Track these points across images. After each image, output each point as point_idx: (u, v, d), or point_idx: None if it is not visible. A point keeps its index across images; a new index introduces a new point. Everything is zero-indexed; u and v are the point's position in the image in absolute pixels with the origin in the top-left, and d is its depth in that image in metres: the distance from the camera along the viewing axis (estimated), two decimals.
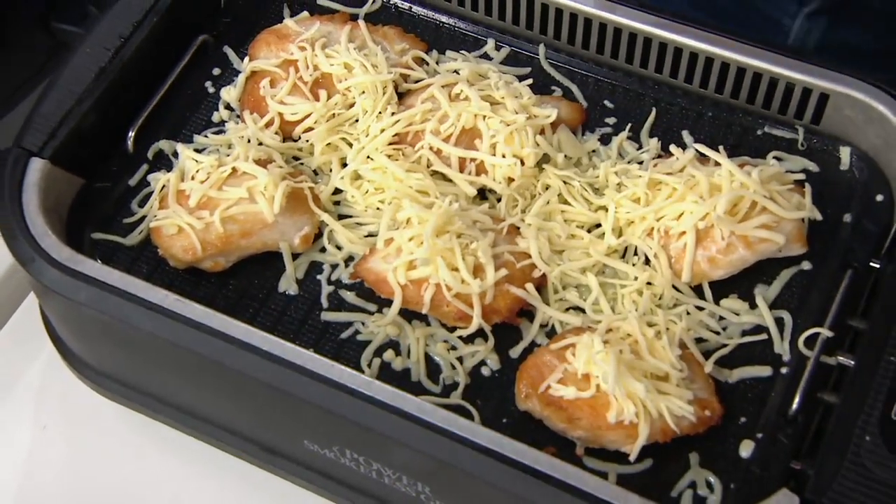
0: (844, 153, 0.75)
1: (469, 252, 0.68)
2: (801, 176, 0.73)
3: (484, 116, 0.74)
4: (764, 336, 0.68)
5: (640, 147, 0.77)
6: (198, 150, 0.77)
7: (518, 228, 0.72)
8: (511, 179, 0.73)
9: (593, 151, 0.77)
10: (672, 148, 0.74)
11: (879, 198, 0.73)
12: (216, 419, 0.71)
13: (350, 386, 0.62)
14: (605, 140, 0.78)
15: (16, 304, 0.86)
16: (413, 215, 0.69)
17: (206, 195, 0.71)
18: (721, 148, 0.72)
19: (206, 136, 0.79)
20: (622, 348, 0.63)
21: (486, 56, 0.83)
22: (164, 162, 0.78)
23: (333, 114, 0.77)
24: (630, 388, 0.61)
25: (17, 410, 0.81)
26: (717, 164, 0.71)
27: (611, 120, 0.79)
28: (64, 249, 0.68)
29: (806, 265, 0.71)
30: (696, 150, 0.72)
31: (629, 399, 0.61)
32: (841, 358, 0.65)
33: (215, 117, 0.80)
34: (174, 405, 0.73)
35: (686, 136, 0.77)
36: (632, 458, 0.62)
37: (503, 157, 0.73)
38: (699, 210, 0.68)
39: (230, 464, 0.73)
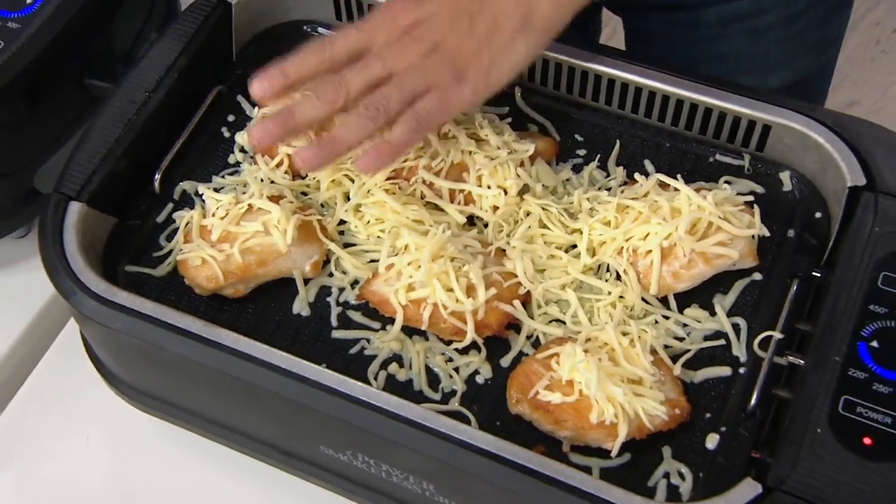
0: (785, 177, 0.74)
1: (462, 274, 0.66)
2: (751, 197, 0.71)
3: (470, 152, 0.72)
4: (723, 341, 0.67)
5: (608, 175, 0.76)
6: (217, 190, 0.75)
7: (504, 251, 0.70)
8: (496, 208, 0.72)
9: (567, 180, 0.75)
10: (637, 175, 0.72)
11: (818, 215, 0.72)
12: (242, 428, 0.70)
13: (361, 398, 0.61)
14: (576, 169, 0.76)
15: (60, 326, 0.84)
16: (410, 242, 0.68)
17: (226, 230, 0.70)
18: (679, 176, 0.70)
19: (223, 177, 0.77)
20: (601, 356, 0.62)
21: None
22: (187, 200, 0.76)
23: None
24: (610, 393, 0.60)
25: (63, 423, 0.79)
26: (677, 189, 0.70)
27: (581, 152, 0.77)
28: (101, 283, 0.66)
29: (756, 276, 0.70)
30: (658, 178, 0.71)
31: (609, 402, 0.60)
32: (791, 357, 0.64)
33: (231, 159, 0.78)
34: (203, 416, 0.71)
35: (648, 164, 0.76)
36: (613, 454, 0.61)
37: (489, 188, 0.71)
38: (663, 231, 0.67)
39: (255, 466, 0.71)
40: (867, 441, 0.56)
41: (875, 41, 2.10)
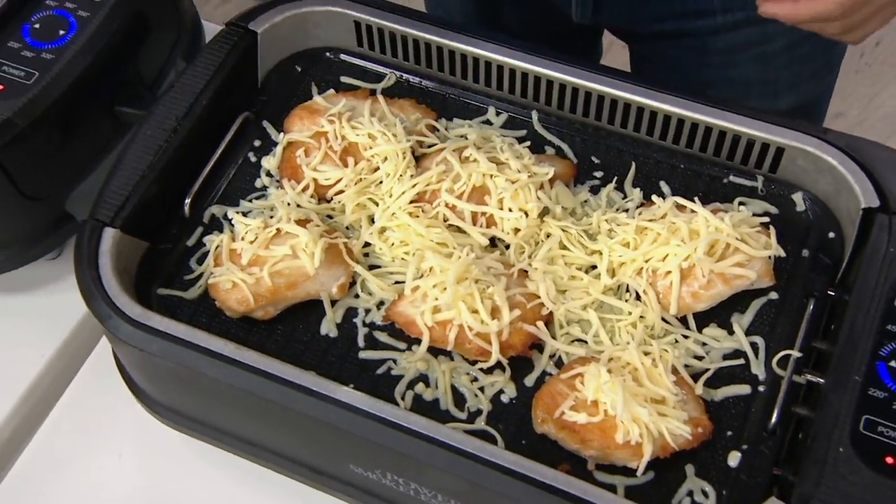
0: (797, 197, 0.73)
1: (487, 296, 0.65)
2: (766, 219, 0.70)
3: (491, 175, 0.71)
4: (742, 360, 0.65)
5: (625, 196, 0.74)
6: (245, 214, 0.74)
7: (526, 272, 0.69)
8: (517, 230, 0.70)
9: (585, 202, 0.74)
10: (654, 198, 0.71)
11: (831, 235, 0.71)
12: (273, 446, 0.68)
13: (391, 419, 0.59)
14: (594, 191, 0.75)
15: (92, 345, 0.83)
16: (435, 265, 0.67)
17: (255, 254, 0.68)
18: (696, 198, 0.69)
19: (250, 201, 0.76)
20: (625, 377, 0.61)
21: (487, 122, 0.80)
22: (216, 224, 0.75)
23: (361, 178, 0.74)
24: (635, 413, 0.59)
25: (96, 441, 0.78)
26: (693, 211, 0.68)
27: (598, 174, 0.76)
28: (136, 307, 0.65)
29: (773, 295, 0.68)
30: (675, 201, 0.70)
31: (634, 422, 0.59)
32: (809, 376, 0.62)
33: (258, 183, 0.77)
34: (235, 435, 0.70)
35: (663, 185, 0.75)
36: (639, 473, 0.60)
37: (510, 210, 0.70)
38: (682, 252, 0.66)
39: (285, 483, 0.70)
40: (889, 460, 0.55)
41: (860, 54, 2.09)
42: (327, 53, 0.85)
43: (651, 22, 0.86)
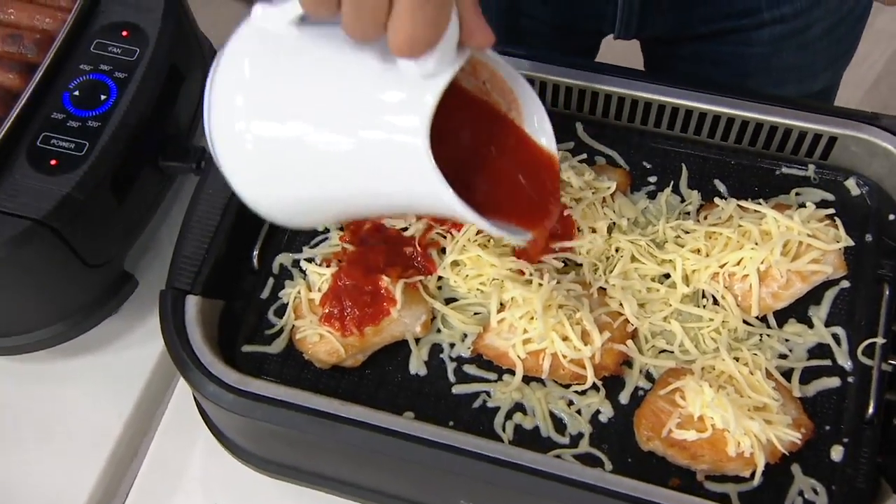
0: (851, 183, 0.71)
1: (575, 321, 0.63)
2: (830, 210, 0.68)
3: None
4: (828, 360, 0.64)
5: (683, 200, 0.72)
6: (309, 260, 0.71)
7: (605, 290, 0.67)
8: (588, 249, 0.68)
9: (644, 209, 0.72)
10: (717, 200, 0.69)
11: (891, 217, 0.70)
12: (379, 487, 0.66)
13: (502, 458, 0.57)
14: (651, 196, 0.73)
15: (166, 396, 0.80)
16: (517, 295, 0.64)
17: None
18: (753, 195, 0.67)
19: (314, 247, 0.72)
20: (727, 390, 0.59)
21: None
22: (285, 273, 0.72)
23: None
24: (746, 427, 0.57)
25: (191, 492, 0.76)
26: (757, 210, 0.67)
27: (652, 178, 0.74)
28: (232, 373, 0.62)
29: (844, 283, 0.67)
30: (738, 204, 0.68)
31: (745, 435, 0.57)
32: (894, 362, 0.61)
33: (320, 227, 0.74)
34: (337, 479, 0.67)
35: (719, 183, 0.73)
36: (755, 482, 0.58)
37: (579, 230, 0.68)
38: (758, 256, 0.64)
39: None
40: None
41: None
42: None
43: (695, 26, 0.83)
